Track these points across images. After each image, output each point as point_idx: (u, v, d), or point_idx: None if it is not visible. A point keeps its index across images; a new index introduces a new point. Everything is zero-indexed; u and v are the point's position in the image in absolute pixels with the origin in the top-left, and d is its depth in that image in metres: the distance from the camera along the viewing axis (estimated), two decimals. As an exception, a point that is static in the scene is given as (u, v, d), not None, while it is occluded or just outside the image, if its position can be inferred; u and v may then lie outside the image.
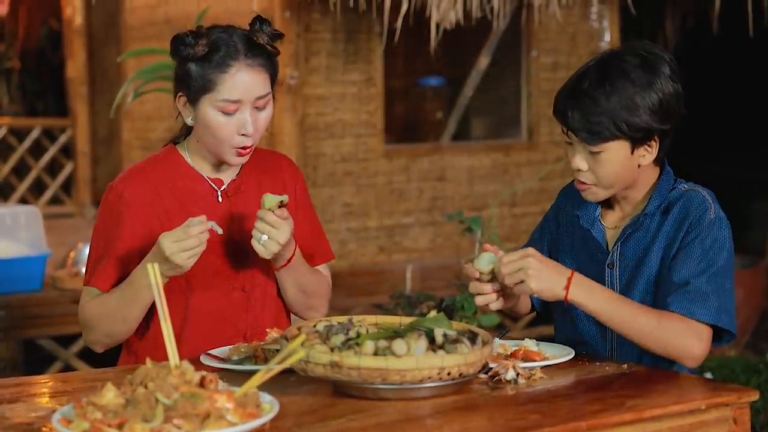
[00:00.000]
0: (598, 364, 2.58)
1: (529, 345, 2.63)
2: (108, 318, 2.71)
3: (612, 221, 2.74)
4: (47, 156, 9.32)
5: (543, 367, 2.50)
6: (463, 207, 7.04)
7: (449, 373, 2.21)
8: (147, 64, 5.33)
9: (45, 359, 5.82)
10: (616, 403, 2.25)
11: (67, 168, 9.38)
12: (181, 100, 2.74)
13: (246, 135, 2.68)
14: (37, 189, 9.46)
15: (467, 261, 2.61)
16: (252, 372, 2.16)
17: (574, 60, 7.46)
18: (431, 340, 2.30)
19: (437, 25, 6.20)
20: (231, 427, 1.89)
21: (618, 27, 7.66)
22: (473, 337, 2.35)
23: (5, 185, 9.33)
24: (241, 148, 2.70)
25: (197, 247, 2.55)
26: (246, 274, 2.82)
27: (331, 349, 2.27)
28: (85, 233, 7.33)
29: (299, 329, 2.40)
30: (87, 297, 2.76)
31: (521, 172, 7.48)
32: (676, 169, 2.71)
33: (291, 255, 2.75)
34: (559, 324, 2.85)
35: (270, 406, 2.02)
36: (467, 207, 7.10)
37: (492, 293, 2.58)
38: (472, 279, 2.59)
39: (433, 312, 2.43)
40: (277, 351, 2.37)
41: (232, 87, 2.66)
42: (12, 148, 9.31)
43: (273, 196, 2.63)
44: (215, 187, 2.82)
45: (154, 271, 2.11)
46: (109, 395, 1.93)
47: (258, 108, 2.70)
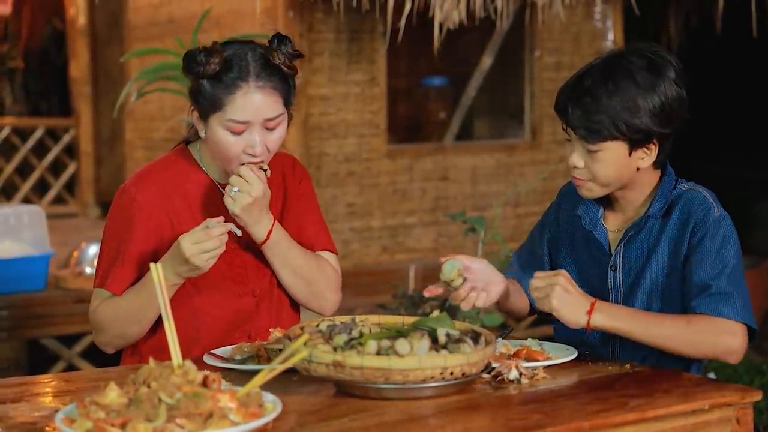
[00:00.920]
0: (600, 364, 2.57)
1: (532, 345, 2.63)
2: (122, 320, 2.71)
3: (614, 224, 2.74)
4: (50, 156, 9.33)
5: (546, 367, 2.49)
6: (466, 207, 7.04)
7: (452, 373, 2.21)
8: (150, 64, 5.34)
9: (48, 359, 5.82)
10: (618, 403, 2.25)
11: (71, 168, 9.39)
12: (194, 114, 2.72)
13: (253, 155, 2.66)
14: (41, 189, 9.47)
15: (428, 288, 2.64)
16: (255, 371, 2.16)
17: (577, 60, 7.46)
18: (434, 339, 2.30)
19: (440, 25, 6.21)
20: (234, 427, 1.89)
21: (621, 27, 7.66)
22: (476, 337, 2.35)
23: (9, 185, 9.35)
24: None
25: (217, 249, 2.56)
26: (255, 279, 2.82)
27: (334, 349, 2.27)
28: (89, 233, 7.35)
29: (302, 329, 2.40)
30: (98, 299, 2.75)
31: (524, 172, 7.48)
32: (678, 170, 2.71)
33: (269, 229, 2.73)
34: (560, 324, 2.84)
35: (273, 405, 2.02)
36: (470, 207, 7.10)
37: (471, 293, 2.59)
38: (449, 295, 2.61)
39: (436, 312, 2.43)
40: (280, 350, 2.37)
41: (239, 108, 2.62)
42: (15, 147, 9.32)
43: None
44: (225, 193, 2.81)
45: (157, 272, 2.11)
46: (112, 395, 1.93)
47: (268, 129, 2.66)
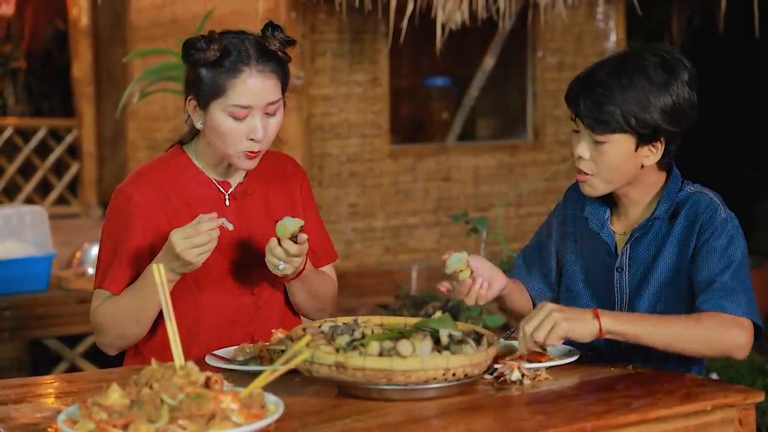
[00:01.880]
0: (603, 365, 2.57)
1: (534, 346, 2.63)
2: (121, 320, 2.71)
3: (620, 226, 2.73)
4: (53, 156, 9.34)
5: (548, 368, 2.49)
6: (469, 207, 7.04)
7: (454, 374, 2.21)
8: (153, 64, 5.33)
9: (51, 359, 5.82)
10: (621, 404, 2.25)
11: (73, 168, 9.39)
12: (191, 104, 2.73)
13: (255, 140, 2.68)
14: (43, 189, 9.48)
15: (439, 284, 2.63)
16: (257, 373, 2.16)
17: (579, 60, 7.46)
18: (436, 340, 2.30)
19: (443, 26, 6.21)
20: (236, 428, 1.89)
21: (624, 27, 7.65)
22: (478, 338, 2.35)
23: (11, 185, 9.35)
24: (250, 152, 2.70)
25: (208, 244, 2.56)
26: (255, 277, 2.82)
27: (336, 350, 2.27)
28: (91, 233, 7.35)
29: (304, 330, 2.40)
30: (98, 300, 2.75)
31: (527, 172, 7.47)
32: (682, 170, 2.71)
33: (302, 269, 2.75)
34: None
35: (275, 406, 2.02)
36: (473, 207, 7.10)
37: (474, 286, 2.59)
38: (454, 292, 2.61)
39: (439, 313, 2.43)
40: (282, 352, 2.38)
41: (242, 92, 2.65)
42: (18, 148, 9.33)
43: (291, 221, 2.62)
44: (222, 191, 2.81)
45: (159, 272, 2.11)
46: (115, 396, 1.93)
47: (268, 114, 2.69)
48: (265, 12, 6.14)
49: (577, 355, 2.57)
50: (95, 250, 5.69)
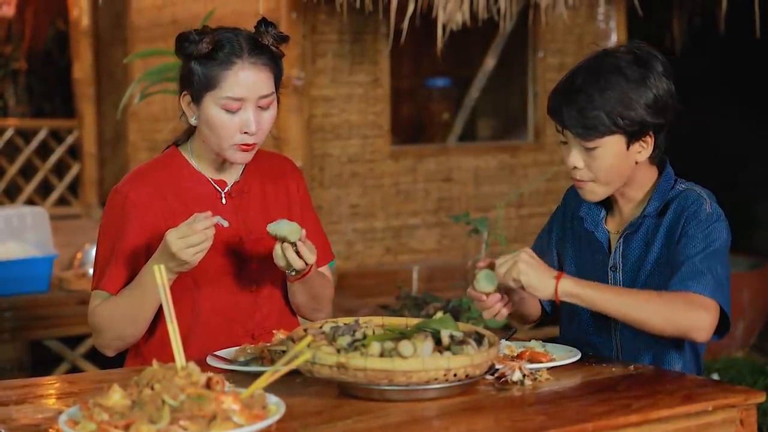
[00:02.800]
0: (604, 365, 2.57)
1: (536, 346, 2.63)
2: (118, 320, 2.71)
3: (614, 226, 2.75)
4: (54, 157, 9.33)
5: (549, 369, 2.50)
6: (470, 208, 7.04)
7: (455, 375, 2.21)
8: (154, 65, 5.33)
9: (52, 360, 5.83)
10: (622, 405, 2.25)
11: (74, 169, 9.38)
12: (185, 98, 2.74)
13: (249, 133, 2.69)
14: (44, 190, 9.47)
15: (471, 287, 2.61)
16: (258, 373, 2.16)
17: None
18: (437, 341, 2.30)
19: (444, 26, 6.21)
20: (237, 429, 1.89)
21: (625, 28, 7.65)
22: (479, 339, 2.35)
23: (12, 186, 9.34)
24: (244, 144, 2.70)
25: (203, 243, 2.56)
26: (252, 275, 2.83)
27: (338, 351, 2.28)
28: (92, 234, 7.33)
29: (305, 330, 2.41)
30: (96, 301, 2.76)
31: (528, 173, 7.47)
32: (681, 168, 2.71)
33: (308, 270, 2.76)
34: (565, 325, 2.85)
35: (276, 407, 2.02)
36: (474, 208, 7.10)
37: (497, 304, 2.58)
38: (478, 301, 2.60)
39: (440, 313, 2.43)
40: (284, 352, 2.38)
41: (235, 84, 2.66)
42: (19, 149, 9.32)
43: (287, 223, 2.63)
44: (219, 189, 2.82)
45: (160, 273, 2.11)
46: (116, 397, 1.93)
47: (261, 108, 2.70)
48: (266, 13, 6.14)
49: (578, 356, 2.57)
50: (96, 251, 5.69)
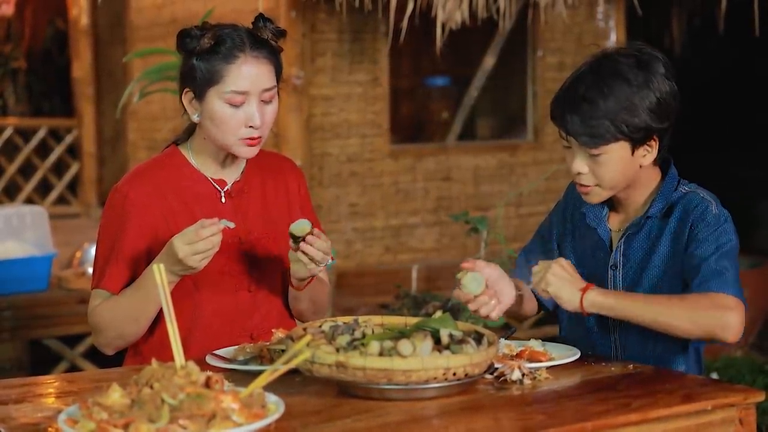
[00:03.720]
0: (603, 364, 2.57)
1: (535, 345, 2.63)
2: (120, 320, 2.71)
3: (617, 224, 2.74)
4: (53, 156, 9.34)
5: (548, 368, 2.49)
6: (469, 207, 7.04)
7: (455, 374, 2.21)
8: (153, 64, 5.34)
9: (51, 359, 5.82)
10: (621, 404, 2.25)
11: (73, 168, 9.39)
12: (188, 95, 2.74)
13: (254, 127, 2.69)
14: (43, 189, 9.48)
15: (457, 288, 2.60)
16: (257, 372, 2.16)
17: (579, 60, 7.33)
18: (437, 340, 2.30)
19: (443, 25, 6.21)
20: (236, 428, 1.89)
21: (624, 27, 7.65)
22: (479, 338, 2.35)
23: (11, 185, 9.35)
24: (249, 139, 2.71)
25: (210, 250, 2.56)
26: (251, 274, 2.83)
27: (337, 350, 2.27)
28: (92, 233, 7.32)
29: (305, 330, 2.41)
30: (96, 300, 2.75)
31: (527, 172, 7.47)
32: (683, 168, 2.71)
33: (313, 278, 2.77)
34: (565, 324, 2.85)
35: (275, 406, 2.02)
36: (473, 207, 7.10)
37: (489, 302, 2.58)
38: (466, 302, 2.60)
39: (439, 312, 2.43)
40: (283, 351, 2.37)
41: (238, 78, 2.67)
42: (18, 148, 9.33)
43: (305, 222, 2.65)
44: (218, 188, 2.82)
45: (160, 272, 2.11)
46: (115, 396, 1.93)
47: (264, 101, 2.71)
48: (266, 11, 6.11)
49: (578, 355, 2.57)
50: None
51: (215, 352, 2.62)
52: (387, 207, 6.99)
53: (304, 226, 2.64)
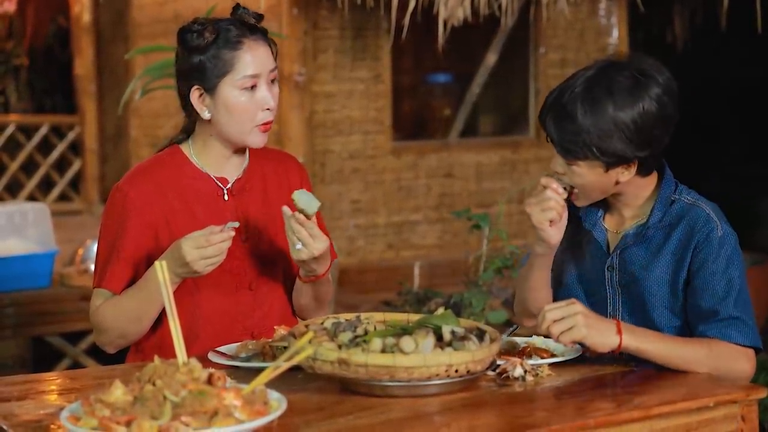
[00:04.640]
0: (605, 361, 2.57)
1: (537, 342, 2.63)
2: (122, 319, 2.71)
3: (613, 225, 2.73)
4: (55, 153, 9.33)
5: (551, 364, 2.49)
6: (471, 204, 7.04)
7: (457, 371, 2.21)
8: (155, 61, 5.33)
9: (53, 356, 5.83)
10: (623, 401, 2.25)
11: (76, 165, 9.39)
12: (196, 93, 2.73)
13: (270, 109, 2.72)
14: (46, 186, 9.47)
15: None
16: (260, 369, 2.16)
17: (582, 57, 7.45)
18: (439, 337, 2.30)
19: (445, 22, 6.20)
20: (239, 425, 1.89)
21: (626, 24, 7.65)
22: (481, 335, 2.35)
23: (14, 182, 9.34)
24: (264, 124, 2.73)
25: (218, 257, 2.57)
26: (252, 273, 2.82)
27: (339, 347, 2.28)
28: (94, 230, 7.32)
29: (307, 326, 2.41)
30: (98, 299, 2.75)
31: (529, 168, 7.47)
32: (683, 165, 2.70)
33: (324, 272, 2.76)
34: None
35: (278, 403, 2.02)
36: (475, 204, 7.10)
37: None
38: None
39: (441, 309, 2.43)
40: (285, 348, 2.38)
41: (248, 62, 2.69)
42: (20, 145, 9.32)
43: (312, 198, 2.62)
44: (221, 186, 2.81)
45: (162, 270, 2.10)
46: (117, 393, 1.93)
47: (272, 81, 2.75)
48: (267, 8, 6.14)
49: (580, 352, 2.57)
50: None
51: (217, 349, 2.62)
52: (389, 204, 7.00)
53: (312, 204, 2.61)
